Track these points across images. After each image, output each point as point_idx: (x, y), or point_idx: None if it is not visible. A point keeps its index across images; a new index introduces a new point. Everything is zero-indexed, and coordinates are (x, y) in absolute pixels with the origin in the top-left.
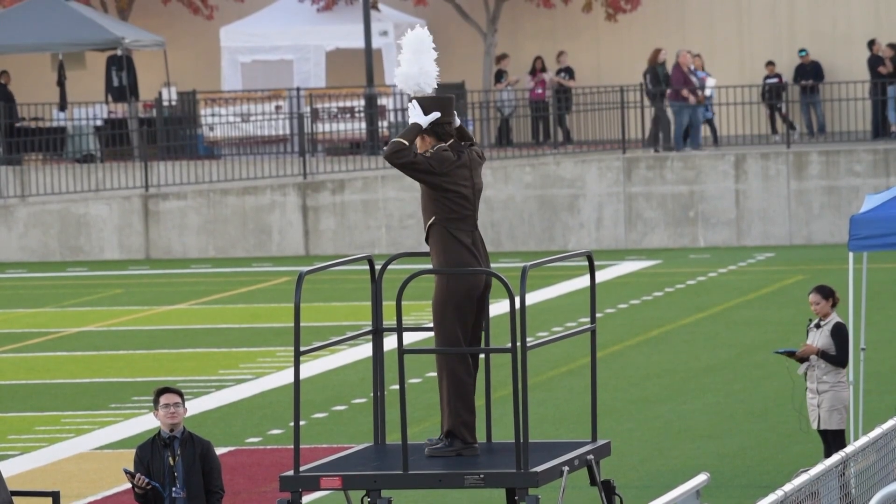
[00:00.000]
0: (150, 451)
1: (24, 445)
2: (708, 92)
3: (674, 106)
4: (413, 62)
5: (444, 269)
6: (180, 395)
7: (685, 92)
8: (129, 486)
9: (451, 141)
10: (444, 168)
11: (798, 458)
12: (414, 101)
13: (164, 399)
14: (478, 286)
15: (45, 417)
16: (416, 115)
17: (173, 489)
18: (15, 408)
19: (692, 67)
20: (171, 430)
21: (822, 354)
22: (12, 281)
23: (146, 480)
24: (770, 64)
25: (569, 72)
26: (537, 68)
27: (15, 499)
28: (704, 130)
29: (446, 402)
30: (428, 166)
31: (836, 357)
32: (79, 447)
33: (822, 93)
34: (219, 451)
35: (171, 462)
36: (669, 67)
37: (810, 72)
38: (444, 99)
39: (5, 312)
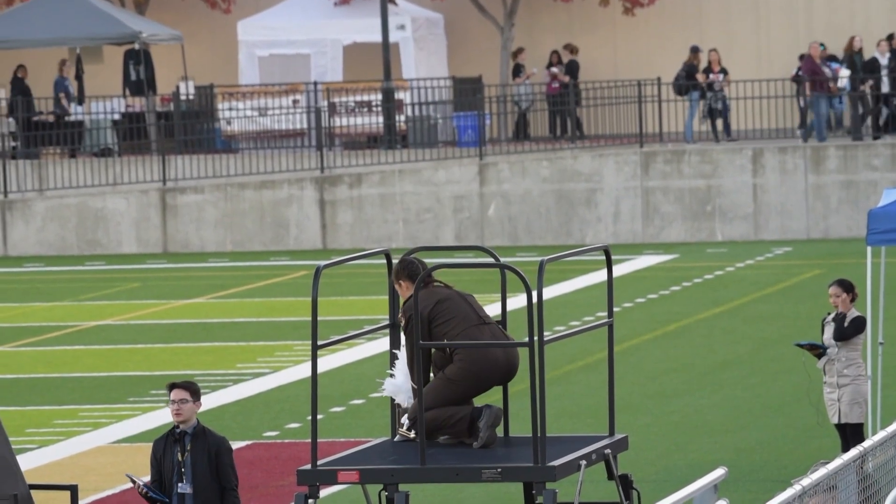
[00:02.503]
0: (164, 446)
1: (42, 439)
2: (842, 83)
3: (807, 98)
4: (408, 375)
5: (461, 263)
6: (190, 390)
7: (810, 83)
8: (144, 480)
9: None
10: (418, 309)
11: (816, 453)
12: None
13: (172, 395)
14: (493, 382)
15: (63, 411)
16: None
17: (179, 485)
18: (33, 401)
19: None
20: (181, 426)
21: (842, 318)
22: (30, 275)
23: (146, 490)
24: (803, 58)
25: (571, 66)
26: (553, 62)
27: (33, 492)
28: (718, 125)
29: (437, 431)
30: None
31: (844, 331)
32: (97, 441)
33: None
34: (236, 444)
35: (180, 457)
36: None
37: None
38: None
39: (23, 306)
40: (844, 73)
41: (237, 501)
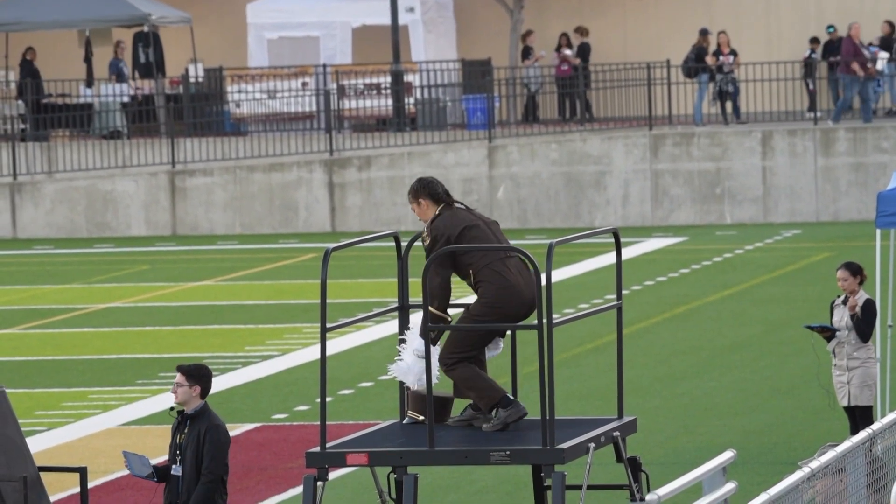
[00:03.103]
0: (175, 427)
1: (51, 421)
2: (880, 66)
3: (843, 79)
4: (417, 360)
5: (471, 246)
6: (187, 373)
7: (855, 65)
8: (161, 461)
9: (443, 206)
10: (446, 231)
11: (825, 436)
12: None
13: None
14: (519, 315)
15: (73, 393)
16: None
17: (173, 466)
18: (42, 384)
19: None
20: (184, 408)
21: (856, 318)
22: (40, 257)
23: (130, 473)
24: (814, 41)
25: (582, 48)
26: (562, 45)
27: (42, 474)
28: (728, 107)
29: (467, 390)
30: (434, 261)
31: (863, 328)
32: (106, 423)
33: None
34: (245, 427)
35: (178, 440)
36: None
37: (839, 49)
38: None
39: (33, 288)
40: (883, 55)
41: (208, 487)
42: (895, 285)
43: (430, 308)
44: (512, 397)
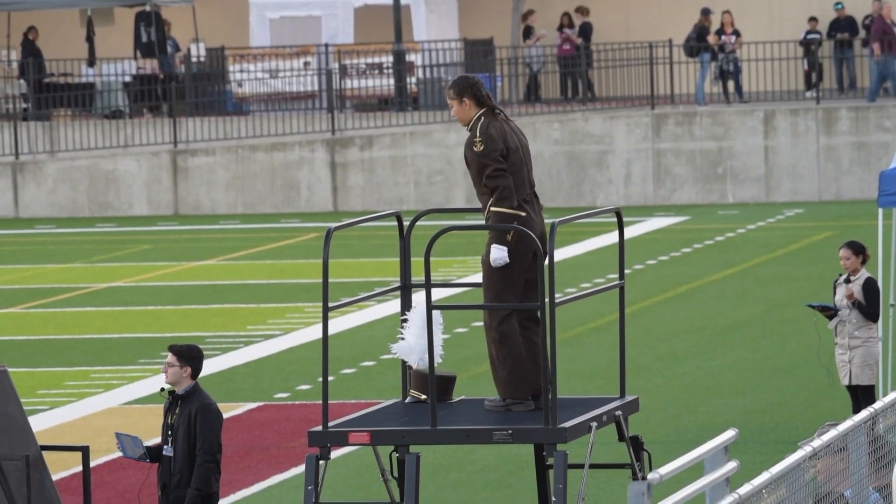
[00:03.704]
0: (167, 407)
1: (53, 400)
2: None
3: (879, 58)
4: (420, 337)
5: (472, 225)
6: (178, 354)
7: (875, 45)
8: (155, 441)
9: (485, 109)
10: (498, 144)
11: (826, 415)
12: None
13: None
14: (532, 249)
15: (75, 372)
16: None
17: (165, 447)
18: (44, 363)
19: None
20: (175, 388)
21: (857, 304)
22: (42, 237)
23: (122, 455)
24: (812, 20)
25: (584, 28)
26: (564, 24)
27: (45, 453)
28: (730, 87)
29: (494, 359)
30: (497, 162)
31: (869, 310)
32: (108, 402)
33: (856, 48)
34: (247, 406)
35: (170, 420)
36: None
37: (845, 26)
38: None
39: (35, 268)
40: None
41: (206, 468)
42: None
43: (503, 209)
44: (535, 397)
